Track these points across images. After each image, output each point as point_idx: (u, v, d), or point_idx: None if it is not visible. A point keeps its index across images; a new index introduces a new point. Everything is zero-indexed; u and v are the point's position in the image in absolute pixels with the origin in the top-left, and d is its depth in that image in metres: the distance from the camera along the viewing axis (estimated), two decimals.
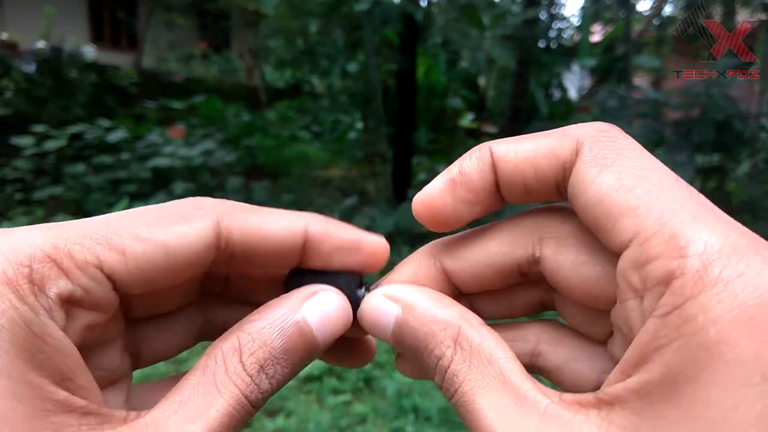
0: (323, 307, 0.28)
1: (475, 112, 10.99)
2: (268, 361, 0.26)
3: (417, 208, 0.29)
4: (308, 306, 0.28)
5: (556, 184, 0.25)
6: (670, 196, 0.22)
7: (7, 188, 5.67)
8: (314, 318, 0.28)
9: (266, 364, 0.26)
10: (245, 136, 7.08)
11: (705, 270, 0.18)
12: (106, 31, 10.71)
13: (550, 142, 0.25)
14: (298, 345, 0.27)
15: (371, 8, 5.39)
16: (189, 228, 0.25)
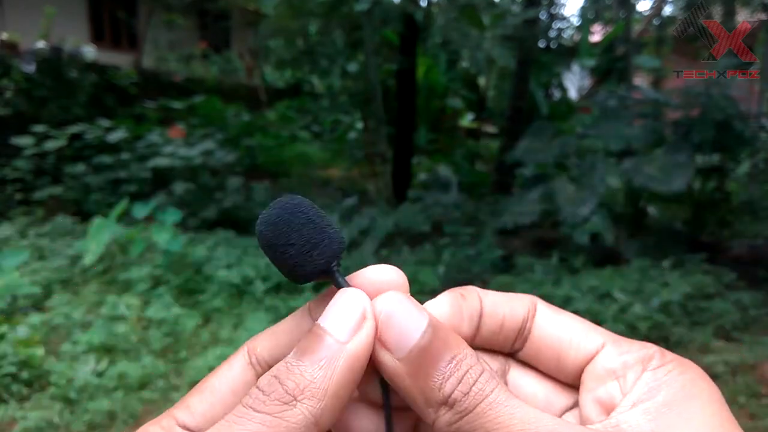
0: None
1: (475, 112, 10.99)
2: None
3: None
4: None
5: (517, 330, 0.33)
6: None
7: (7, 188, 5.67)
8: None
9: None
10: (245, 136, 7.09)
11: (662, 353, 0.30)
12: (106, 31, 10.71)
13: (514, 302, 0.34)
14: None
15: (371, 8, 5.39)
16: (227, 366, 0.32)
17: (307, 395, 0.26)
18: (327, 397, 0.27)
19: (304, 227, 0.31)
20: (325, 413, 0.27)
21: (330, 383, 0.27)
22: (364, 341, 0.28)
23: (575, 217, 4.21)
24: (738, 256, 4.68)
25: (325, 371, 0.27)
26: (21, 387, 2.51)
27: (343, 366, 0.27)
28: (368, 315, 0.29)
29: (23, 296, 3.36)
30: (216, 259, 4.15)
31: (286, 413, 0.26)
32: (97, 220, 3.98)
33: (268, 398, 0.27)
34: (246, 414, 0.26)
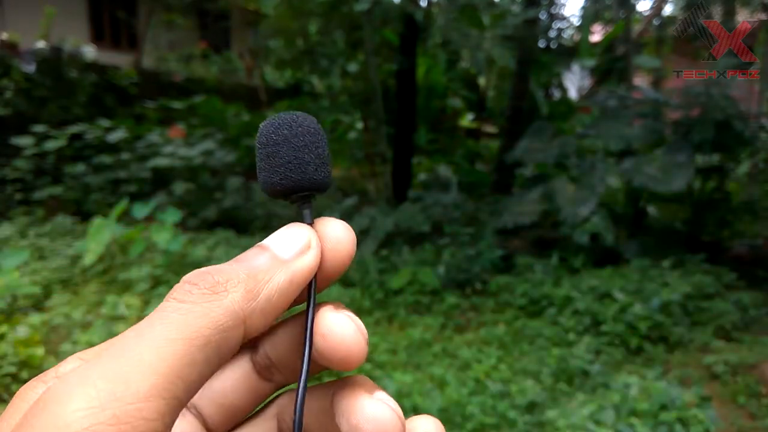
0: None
1: (475, 112, 10.99)
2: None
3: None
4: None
5: None
6: None
7: (7, 188, 5.67)
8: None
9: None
10: (245, 136, 7.08)
11: None
12: (106, 31, 10.70)
13: None
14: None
15: (371, 8, 5.39)
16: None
17: (239, 289, 0.25)
18: (260, 298, 0.25)
19: (300, 142, 0.31)
20: (254, 315, 0.25)
21: (264, 287, 0.26)
22: (305, 265, 0.28)
23: (575, 217, 4.21)
24: (738, 256, 4.68)
25: (262, 276, 0.26)
26: (21, 387, 2.50)
27: (280, 278, 0.27)
28: (313, 246, 0.29)
29: (23, 296, 3.36)
30: (216, 259, 4.15)
31: (213, 303, 0.24)
32: (97, 220, 3.98)
33: (195, 287, 0.24)
34: (169, 306, 0.24)
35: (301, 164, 0.31)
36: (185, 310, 0.23)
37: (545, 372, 2.79)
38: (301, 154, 0.31)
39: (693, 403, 2.38)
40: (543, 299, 3.66)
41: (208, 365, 0.23)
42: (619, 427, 2.21)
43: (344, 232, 0.30)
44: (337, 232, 0.30)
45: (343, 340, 0.27)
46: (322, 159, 0.32)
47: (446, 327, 3.47)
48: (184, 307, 0.23)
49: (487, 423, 2.32)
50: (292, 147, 0.31)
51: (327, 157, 0.32)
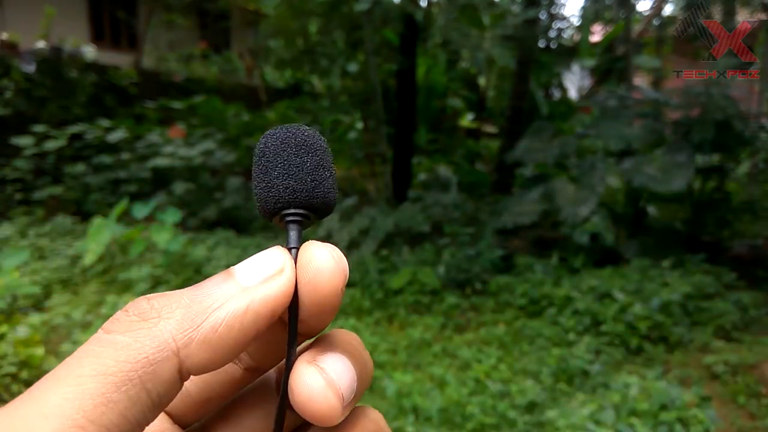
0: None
1: (475, 112, 10.99)
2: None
3: None
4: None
5: None
6: None
7: (7, 188, 5.67)
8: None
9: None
10: (245, 136, 7.08)
11: None
12: (106, 31, 10.70)
13: None
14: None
15: (371, 8, 5.39)
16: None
17: (177, 316, 0.22)
18: (202, 327, 0.22)
19: (300, 159, 0.28)
20: (193, 345, 0.22)
21: (211, 315, 0.22)
22: (270, 293, 0.24)
23: (575, 217, 4.21)
24: (738, 256, 4.68)
25: (209, 302, 0.23)
26: (21, 387, 2.50)
27: (233, 305, 0.23)
28: (286, 270, 0.25)
29: (23, 296, 3.36)
30: (216, 259, 4.15)
31: (140, 332, 0.21)
32: (97, 220, 3.98)
33: (125, 314, 0.22)
34: (93, 339, 0.21)
35: (294, 180, 0.28)
36: (107, 342, 0.21)
37: (545, 372, 2.79)
38: (297, 169, 0.28)
39: (693, 403, 2.38)
40: (543, 299, 3.66)
41: (134, 404, 0.20)
42: (619, 427, 2.21)
43: (328, 260, 0.25)
44: (319, 259, 0.25)
45: (309, 399, 0.24)
46: (320, 177, 0.28)
47: (446, 327, 3.47)
48: (107, 338, 0.21)
49: (487, 423, 2.32)
50: (288, 162, 0.28)
51: (326, 176, 0.29)
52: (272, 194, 0.28)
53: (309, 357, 0.26)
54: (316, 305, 0.26)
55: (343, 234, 4.69)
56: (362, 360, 0.27)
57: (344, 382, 0.25)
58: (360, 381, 0.26)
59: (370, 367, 0.28)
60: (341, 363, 0.26)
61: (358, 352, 0.27)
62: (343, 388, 0.25)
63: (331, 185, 0.29)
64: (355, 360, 0.27)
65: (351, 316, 3.46)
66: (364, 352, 0.28)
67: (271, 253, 0.26)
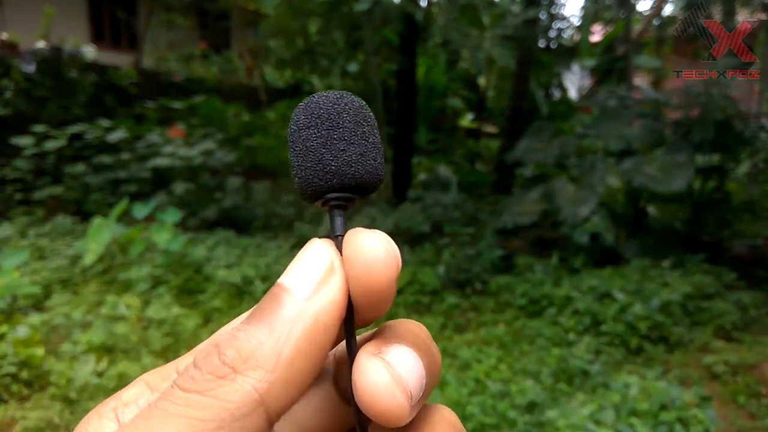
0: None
1: (475, 112, 10.99)
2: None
3: None
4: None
5: None
6: None
7: (7, 188, 5.67)
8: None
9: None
10: (245, 136, 7.08)
11: None
12: (106, 31, 10.69)
13: None
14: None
15: (371, 8, 5.39)
16: None
17: (251, 365, 0.20)
18: (279, 367, 0.21)
19: (347, 132, 0.25)
20: (274, 388, 0.20)
21: (283, 349, 0.21)
22: (332, 299, 0.22)
23: (575, 217, 4.21)
24: (738, 256, 4.68)
25: (278, 334, 0.21)
26: (21, 387, 2.51)
27: (300, 328, 0.21)
28: (337, 267, 0.23)
29: (23, 296, 3.36)
30: (216, 259, 4.15)
31: (220, 389, 0.20)
32: (97, 220, 3.98)
33: (199, 373, 0.21)
34: (170, 395, 0.20)
35: (341, 157, 0.24)
36: (185, 401, 0.20)
37: (545, 372, 2.79)
38: (344, 144, 0.25)
39: (693, 403, 2.38)
40: (543, 299, 3.66)
41: None
42: (619, 427, 2.21)
43: (378, 249, 0.23)
44: (369, 249, 0.23)
45: (374, 396, 0.22)
46: (367, 150, 0.25)
47: (446, 327, 3.47)
48: (185, 398, 0.20)
49: (487, 423, 2.32)
50: (333, 136, 0.25)
51: (375, 150, 0.26)
52: (316, 175, 0.25)
53: (373, 348, 0.23)
54: (369, 298, 0.23)
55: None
56: (431, 353, 0.25)
57: (412, 378, 0.23)
58: (429, 377, 0.24)
59: (439, 361, 0.26)
60: (409, 356, 0.23)
61: (425, 344, 0.25)
62: (411, 384, 0.23)
63: (381, 159, 0.26)
64: (423, 353, 0.24)
65: None
66: (432, 344, 0.25)
67: (315, 252, 0.23)
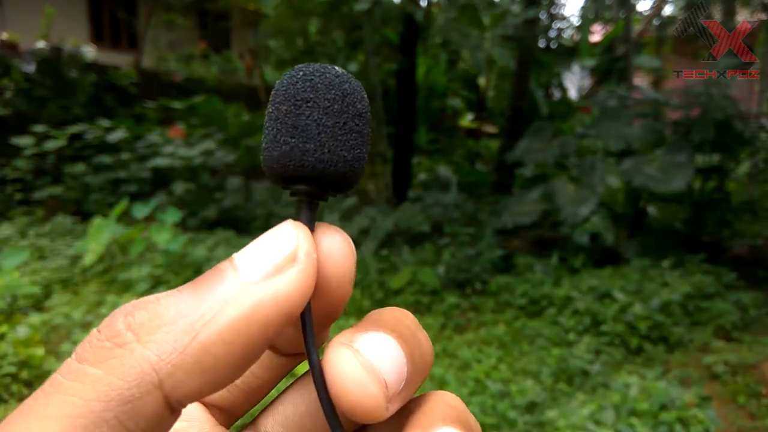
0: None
1: (475, 112, 10.99)
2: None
3: None
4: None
5: None
6: None
7: (7, 188, 5.67)
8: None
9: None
10: (245, 136, 7.07)
11: None
12: (106, 31, 10.70)
13: None
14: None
15: (371, 8, 5.39)
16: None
17: (158, 337, 0.17)
18: (190, 349, 0.17)
19: (333, 115, 0.21)
20: (179, 373, 0.17)
21: (202, 330, 0.17)
22: (281, 290, 0.19)
23: (575, 217, 4.21)
24: (738, 256, 4.68)
25: (202, 311, 0.17)
26: (21, 387, 2.51)
27: (232, 312, 0.17)
28: (300, 258, 0.19)
29: (23, 296, 3.36)
30: (216, 259, 4.15)
31: (113, 361, 0.16)
32: (97, 220, 3.98)
33: (97, 337, 0.17)
34: (64, 367, 0.17)
35: (321, 143, 0.21)
36: (75, 375, 0.16)
37: (545, 372, 2.79)
38: (327, 129, 0.21)
39: (693, 403, 2.38)
40: (543, 299, 3.66)
41: None
42: (619, 427, 2.21)
43: (338, 241, 0.22)
44: (329, 240, 0.21)
45: (344, 389, 0.19)
46: (362, 139, 0.22)
47: (446, 327, 3.48)
48: (76, 369, 0.17)
49: (487, 423, 2.32)
50: (316, 116, 0.21)
51: (368, 139, 0.23)
52: (286, 157, 0.21)
53: (345, 338, 0.21)
54: (328, 293, 0.21)
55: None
56: (415, 340, 0.22)
57: (388, 367, 0.20)
58: (413, 364, 0.21)
59: (427, 349, 0.22)
60: (384, 343, 0.20)
61: (409, 330, 0.22)
62: (386, 373, 0.20)
63: (363, 153, 0.23)
64: (405, 340, 0.21)
65: (351, 317, 3.46)
66: (419, 330, 0.23)
67: (280, 234, 0.20)
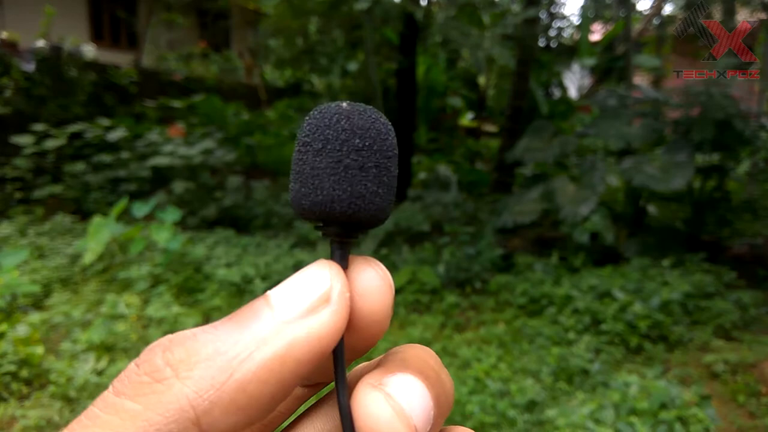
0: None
1: (475, 111, 10.99)
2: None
3: None
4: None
5: None
6: None
7: (6, 187, 5.67)
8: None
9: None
10: (245, 135, 7.07)
11: None
12: (106, 30, 10.69)
13: None
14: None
15: (371, 7, 5.38)
16: None
17: (196, 374, 0.17)
18: (227, 387, 0.17)
19: (362, 152, 0.21)
20: (215, 410, 0.17)
21: (239, 368, 0.18)
22: (316, 331, 0.19)
23: (575, 216, 4.21)
24: (738, 255, 4.68)
25: (240, 349, 0.18)
26: (21, 385, 2.51)
27: (268, 351, 0.18)
28: (333, 299, 0.20)
29: (23, 295, 3.36)
30: (216, 257, 4.15)
31: (152, 396, 0.17)
32: (96, 219, 3.98)
33: (136, 371, 0.18)
34: (102, 400, 0.17)
35: (358, 182, 0.21)
36: (113, 409, 0.17)
37: (545, 371, 2.79)
38: (362, 166, 0.21)
39: (693, 402, 2.38)
40: (543, 298, 3.66)
41: None
42: (619, 426, 2.21)
43: (374, 278, 0.22)
44: (366, 277, 0.22)
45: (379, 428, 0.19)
46: (388, 179, 0.22)
47: (446, 326, 3.48)
48: (114, 403, 0.17)
49: (486, 422, 2.32)
50: (352, 152, 0.21)
51: (395, 178, 0.23)
52: (317, 205, 0.22)
53: (374, 379, 0.21)
54: (364, 329, 0.22)
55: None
56: (440, 382, 0.22)
57: (418, 411, 0.20)
58: (438, 408, 0.21)
59: (450, 389, 0.23)
60: (414, 387, 0.21)
61: (434, 372, 0.22)
62: (416, 418, 0.20)
63: (393, 190, 0.23)
64: (431, 383, 0.21)
65: None
66: (442, 370, 0.23)
67: (315, 273, 0.20)
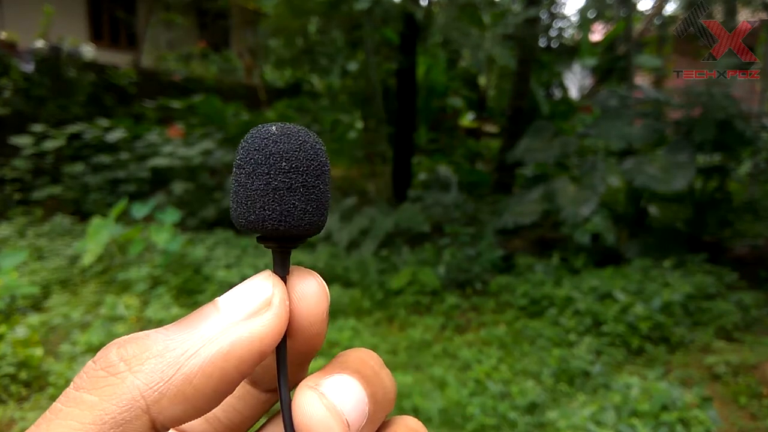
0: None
1: (475, 111, 10.97)
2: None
3: None
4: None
5: None
6: None
7: (5, 188, 5.65)
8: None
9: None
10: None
11: None
12: (105, 31, 10.68)
13: None
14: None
15: (371, 7, 5.37)
16: None
17: (147, 367, 0.19)
18: (175, 379, 0.19)
19: (292, 170, 0.23)
20: (164, 401, 0.19)
21: (186, 363, 0.20)
22: (257, 332, 0.21)
23: (576, 217, 4.20)
24: (739, 256, 4.67)
25: (188, 346, 0.20)
26: (20, 387, 2.49)
27: (213, 348, 0.20)
28: (274, 304, 0.22)
29: (22, 296, 3.35)
30: (215, 259, 4.14)
31: (106, 389, 0.19)
32: (95, 220, 3.96)
33: (93, 367, 0.20)
34: (64, 395, 0.19)
35: (286, 201, 0.23)
36: (73, 401, 0.19)
37: (546, 372, 2.78)
38: (290, 186, 0.23)
39: (694, 404, 2.37)
40: (544, 299, 3.65)
41: None
42: (620, 428, 2.20)
43: (313, 285, 0.24)
44: (304, 284, 0.24)
45: (309, 429, 0.21)
46: (317, 196, 0.24)
47: (446, 327, 3.46)
48: (74, 396, 0.19)
49: (487, 424, 2.31)
50: (279, 174, 0.23)
51: (324, 194, 0.25)
52: (252, 224, 0.24)
53: (312, 381, 0.23)
54: (303, 331, 0.24)
55: (343, 234, 4.67)
56: (377, 380, 0.24)
57: (350, 408, 0.22)
58: (375, 403, 0.23)
59: (390, 387, 0.25)
60: (348, 386, 0.23)
61: (372, 371, 0.24)
62: (349, 414, 0.22)
63: (326, 204, 0.25)
64: (368, 381, 0.23)
65: (351, 317, 3.45)
66: (381, 370, 0.25)
67: (258, 282, 0.23)
